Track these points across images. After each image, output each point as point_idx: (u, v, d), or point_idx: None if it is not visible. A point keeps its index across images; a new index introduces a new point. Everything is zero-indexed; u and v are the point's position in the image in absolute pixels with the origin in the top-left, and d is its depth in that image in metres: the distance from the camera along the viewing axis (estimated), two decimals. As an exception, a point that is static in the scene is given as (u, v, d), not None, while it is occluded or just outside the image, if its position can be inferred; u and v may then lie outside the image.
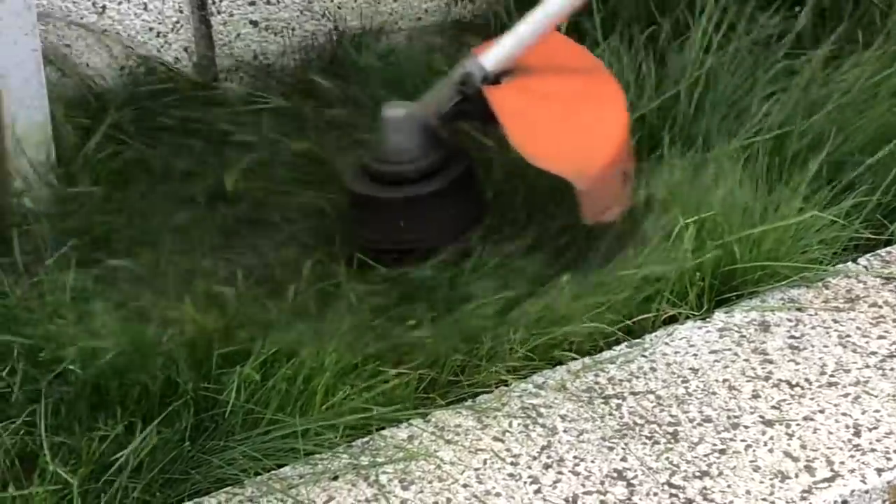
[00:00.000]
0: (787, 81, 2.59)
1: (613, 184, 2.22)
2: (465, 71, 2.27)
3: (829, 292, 2.22)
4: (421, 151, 2.27)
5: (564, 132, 2.24)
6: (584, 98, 2.32)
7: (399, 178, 2.27)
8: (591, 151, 2.20)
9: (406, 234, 2.26)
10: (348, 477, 1.87)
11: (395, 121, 2.29)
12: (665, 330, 2.16)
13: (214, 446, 1.86)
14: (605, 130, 2.26)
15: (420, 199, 2.26)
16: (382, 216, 2.29)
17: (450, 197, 2.27)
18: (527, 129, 2.20)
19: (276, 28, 2.84)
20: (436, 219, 2.28)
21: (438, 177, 2.27)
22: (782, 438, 1.92)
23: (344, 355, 1.95)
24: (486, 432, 1.96)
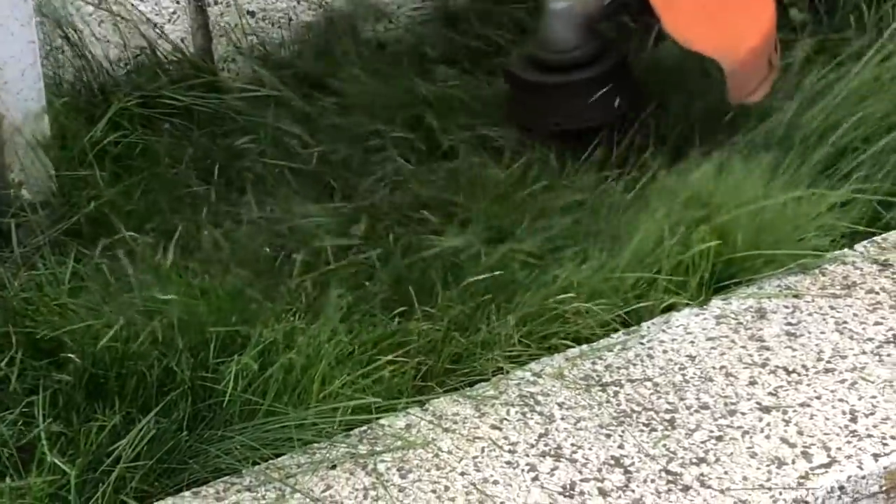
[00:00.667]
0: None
1: (759, 68, 2.42)
2: None
3: (825, 279, 2.22)
4: (582, 41, 2.49)
5: (715, 19, 2.42)
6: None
7: (561, 65, 2.50)
8: (739, 36, 2.41)
9: (570, 116, 2.50)
10: (346, 465, 1.88)
11: (559, 12, 2.50)
12: (662, 318, 2.16)
13: (212, 436, 1.87)
14: (753, 19, 2.45)
15: (582, 83, 2.48)
16: (546, 100, 2.52)
17: (608, 82, 2.48)
18: (680, 16, 2.40)
19: (274, 18, 2.84)
20: (596, 102, 2.48)
21: (598, 64, 2.49)
22: (779, 425, 1.92)
23: (339, 343, 1.95)
24: (483, 420, 1.96)
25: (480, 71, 2.76)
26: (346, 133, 2.59)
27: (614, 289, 2.16)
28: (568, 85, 2.50)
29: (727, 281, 2.22)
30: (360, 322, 2.04)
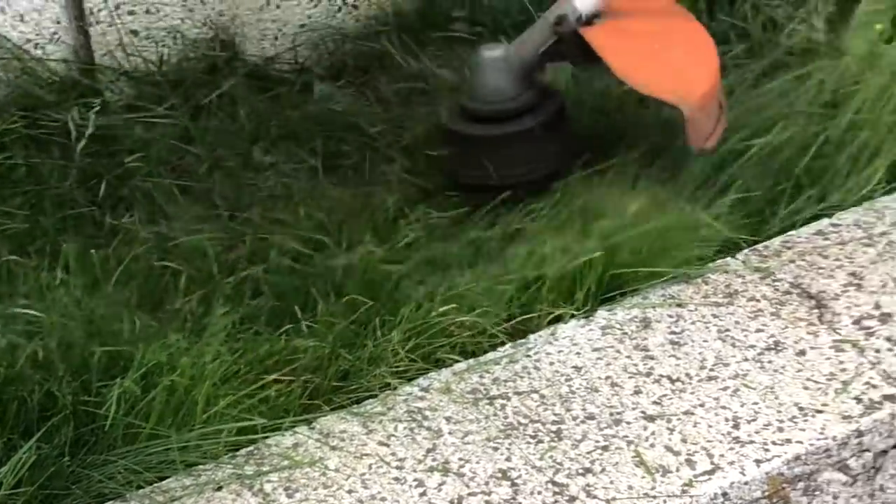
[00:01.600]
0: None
1: (713, 110, 2.40)
2: (560, 13, 2.39)
3: (708, 288, 2.24)
4: (516, 90, 2.43)
5: (665, 64, 2.39)
6: (674, 34, 2.48)
7: (497, 116, 2.43)
8: (692, 80, 2.38)
9: (505, 169, 2.41)
10: (232, 487, 1.87)
11: (492, 60, 2.43)
12: (548, 330, 2.17)
13: (95, 461, 1.85)
14: (701, 62, 2.43)
15: (517, 135, 2.42)
16: (482, 152, 2.42)
17: (546, 132, 2.43)
18: (630, 63, 2.36)
19: (157, 37, 2.82)
20: (534, 153, 2.43)
21: (533, 114, 2.43)
22: (664, 433, 1.94)
23: (223, 363, 1.95)
24: (371, 437, 1.96)
25: (367, 88, 2.77)
26: (233, 151, 2.58)
27: (499, 301, 2.16)
28: (504, 137, 2.43)
29: (613, 292, 2.24)
30: (244, 341, 2.03)
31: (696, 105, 2.33)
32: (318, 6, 2.98)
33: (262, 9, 2.91)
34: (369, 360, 2.06)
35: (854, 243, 2.33)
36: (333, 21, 3.00)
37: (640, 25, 2.45)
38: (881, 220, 2.38)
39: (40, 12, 2.68)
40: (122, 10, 2.76)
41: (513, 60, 2.43)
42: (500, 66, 2.43)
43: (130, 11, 2.77)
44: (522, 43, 2.45)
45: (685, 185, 2.39)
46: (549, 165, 2.43)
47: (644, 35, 2.44)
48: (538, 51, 2.43)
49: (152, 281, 2.22)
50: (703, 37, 2.47)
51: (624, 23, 2.44)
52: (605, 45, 2.36)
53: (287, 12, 2.95)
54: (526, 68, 2.44)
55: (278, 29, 2.95)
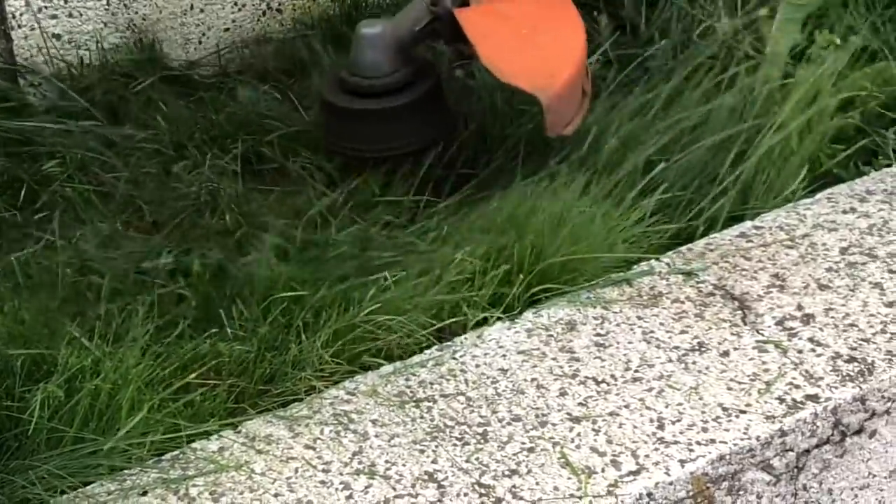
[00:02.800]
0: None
1: (574, 97, 2.41)
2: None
3: (632, 290, 2.26)
4: (393, 66, 2.48)
5: (530, 51, 2.40)
6: (546, 20, 2.48)
7: (373, 90, 2.48)
8: (554, 68, 2.38)
9: (380, 143, 2.48)
10: (157, 492, 1.85)
11: (371, 37, 2.48)
12: (475, 332, 2.17)
13: (18, 466, 1.83)
14: (566, 49, 2.43)
15: (393, 110, 2.47)
16: (358, 125, 2.50)
17: (420, 108, 2.49)
18: (495, 48, 2.37)
19: (80, 41, 2.80)
20: (408, 128, 2.49)
21: (409, 90, 2.48)
22: (589, 434, 1.95)
23: (146, 368, 1.93)
24: (297, 440, 1.95)
25: (291, 91, 2.76)
26: (156, 156, 2.57)
27: (425, 305, 2.17)
28: (380, 111, 2.49)
29: (539, 295, 2.24)
30: (167, 345, 2.01)
31: (555, 94, 2.34)
32: (241, 10, 2.97)
33: (186, 13, 2.90)
34: (293, 363, 2.06)
35: (776, 245, 2.35)
36: (258, 25, 3.00)
37: (513, 8, 2.48)
38: (803, 223, 2.41)
39: (-40, 15, 2.65)
40: (44, 13, 2.74)
41: (389, 37, 2.48)
42: (377, 42, 2.47)
43: (53, 15, 2.75)
44: (399, 20, 2.51)
45: (609, 186, 2.40)
46: (421, 140, 2.49)
47: (515, 18, 2.46)
48: (414, 29, 2.48)
49: (73, 287, 2.20)
50: (573, 21, 2.49)
51: (497, 5, 2.47)
52: (474, 28, 2.39)
53: (211, 16, 2.93)
54: (402, 45, 2.49)
55: (202, 33, 2.93)
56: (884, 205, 2.45)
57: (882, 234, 2.36)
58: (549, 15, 2.50)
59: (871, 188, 2.51)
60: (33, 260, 2.26)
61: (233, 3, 2.95)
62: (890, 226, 2.39)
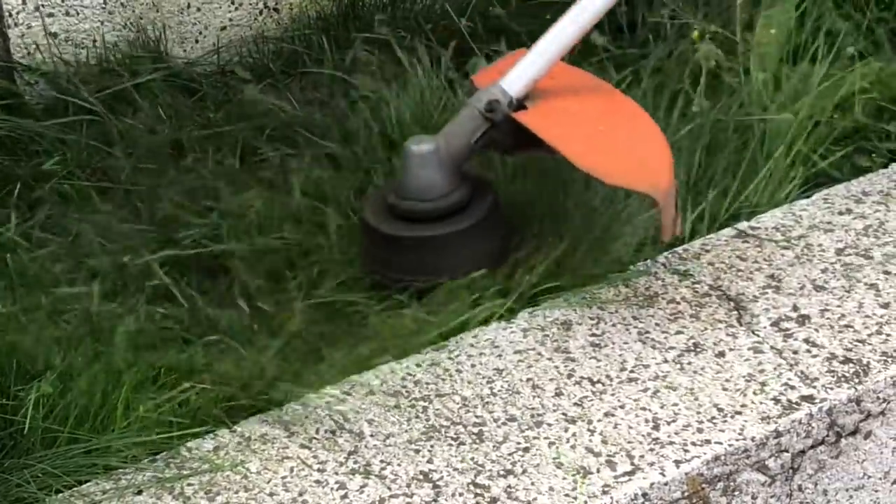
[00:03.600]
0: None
1: (675, 194, 2.20)
2: (491, 98, 2.22)
3: (628, 290, 2.26)
4: (450, 186, 2.24)
5: (619, 148, 2.21)
6: (613, 114, 2.29)
7: (430, 215, 2.24)
8: (653, 165, 2.19)
9: (437, 270, 2.23)
10: (152, 491, 1.85)
11: (421, 156, 2.24)
12: (470, 332, 2.17)
13: (13, 465, 1.83)
14: (652, 143, 2.23)
15: (451, 235, 2.23)
16: (414, 253, 2.25)
17: (480, 230, 2.25)
18: (583, 149, 2.17)
19: (77, 39, 2.80)
20: (468, 252, 2.24)
21: (468, 211, 2.25)
22: (584, 434, 1.95)
23: (142, 368, 1.93)
24: (292, 440, 1.95)
25: (288, 90, 2.77)
26: (155, 154, 2.57)
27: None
28: (438, 238, 2.25)
29: (535, 294, 2.25)
30: (164, 346, 2.02)
31: (665, 190, 2.15)
32: (238, 9, 2.97)
33: (183, 11, 2.90)
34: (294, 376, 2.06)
35: (772, 246, 2.35)
36: (255, 23, 3.00)
37: (574, 104, 2.29)
38: (799, 223, 2.41)
39: (-43, 13, 2.66)
40: (41, 12, 2.74)
41: (443, 153, 2.24)
42: (431, 161, 2.23)
43: (50, 14, 2.75)
44: (451, 134, 2.26)
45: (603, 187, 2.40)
46: (485, 263, 2.25)
47: (583, 114, 2.28)
48: (471, 141, 2.25)
49: (68, 285, 2.20)
50: (635, 109, 2.31)
51: (557, 102, 2.27)
52: (548, 131, 2.19)
53: (208, 15, 2.93)
54: (458, 161, 2.26)
55: (199, 31, 2.94)
56: (880, 206, 2.45)
57: (878, 236, 2.36)
58: (611, 108, 2.32)
59: (867, 189, 2.51)
60: (28, 257, 2.26)
61: (230, 2, 2.95)
62: (886, 227, 2.39)
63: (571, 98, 2.29)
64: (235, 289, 2.22)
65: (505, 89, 2.23)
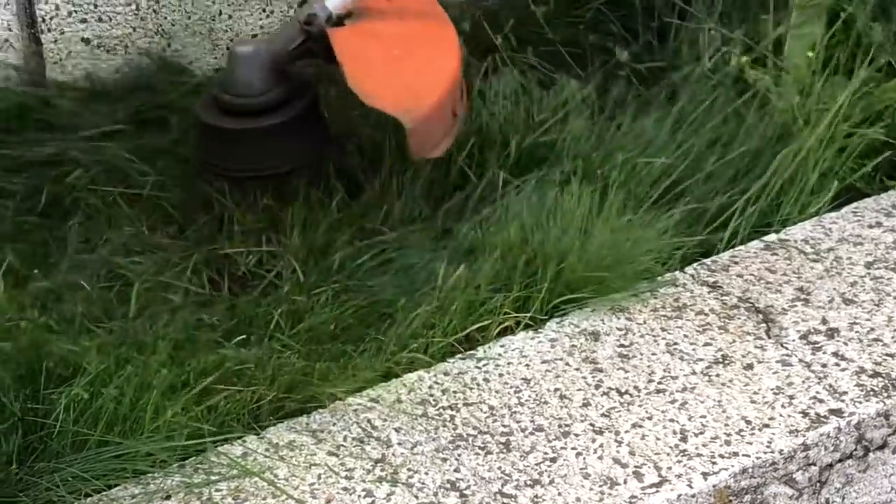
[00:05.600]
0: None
1: (442, 121, 2.33)
2: (311, 12, 2.37)
3: (657, 301, 2.26)
4: (267, 85, 2.41)
5: (398, 73, 2.33)
6: (420, 41, 2.42)
7: (248, 109, 2.41)
8: (421, 91, 2.30)
9: (256, 162, 2.41)
10: (181, 496, 1.86)
11: (244, 56, 2.42)
12: (498, 342, 2.18)
13: (43, 468, 1.84)
14: (437, 71, 2.36)
15: (269, 129, 2.40)
16: (233, 145, 2.43)
17: (298, 127, 2.43)
18: (363, 70, 2.29)
19: (109, 45, 2.81)
20: (286, 147, 2.42)
21: (285, 108, 2.42)
22: (612, 445, 1.95)
23: (172, 372, 1.94)
24: (320, 447, 1.96)
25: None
26: (183, 162, 2.58)
27: (451, 315, 2.17)
28: (256, 131, 2.42)
29: (562, 305, 2.25)
30: (194, 351, 2.02)
31: (422, 117, 2.27)
32: (269, 17, 2.98)
33: (215, 18, 2.91)
34: (320, 376, 2.06)
35: (802, 259, 2.35)
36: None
37: (388, 27, 2.43)
38: (828, 237, 2.41)
39: (-9, 19, 2.67)
40: (74, 17, 2.75)
41: (264, 56, 2.43)
42: (252, 62, 2.42)
43: (83, 20, 2.76)
44: (273, 40, 2.47)
45: (633, 199, 2.40)
46: (294, 161, 2.43)
47: (388, 38, 2.41)
48: (288, 48, 2.43)
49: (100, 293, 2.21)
50: (448, 41, 2.43)
51: (372, 24, 2.42)
52: (345, 48, 2.33)
53: (239, 22, 2.94)
54: (276, 65, 2.43)
55: (230, 39, 2.94)
56: (910, 220, 2.45)
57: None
58: (424, 35, 2.45)
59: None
60: (60, 266, 2.27)
61: (261, 10, 2.96)
62: (916, 241, 2.39)
63: (389, 21, 2.44)
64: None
65: (325, 4, 2.39)
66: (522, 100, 2.66)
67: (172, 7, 2.85)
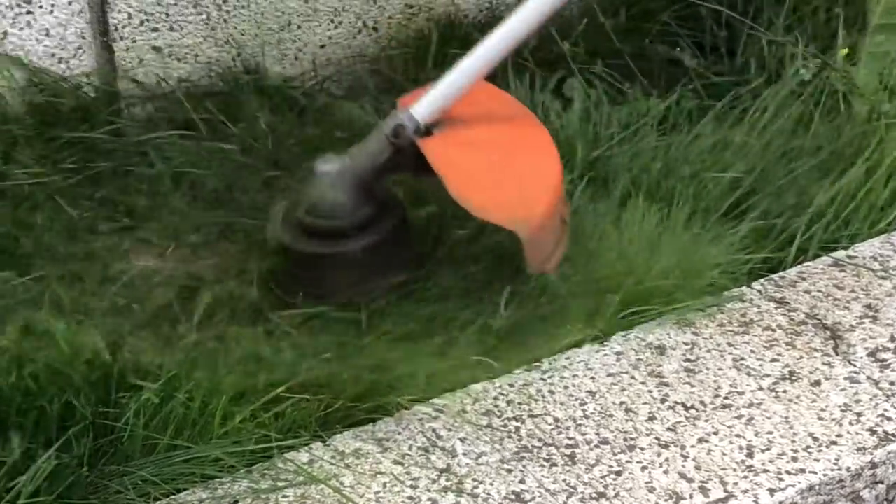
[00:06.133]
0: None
1: (554, 231, 2.21)
2: (397, 123, 2.24)
3: (723, 316, 2.25)
4: (355, 205, 2.26)
5: (503, 181, 2.21)
6: (516, 146, 2.30)
7: (335, 232, 2.26)
8: (531, 200, 2.18)
9: (343, 287, 2.26)
10: (248, 501, 1.87)
11: (328, 175, 2.27)
12: (563, 354, 2.18)
13: (113, 471, 1.86)
14: (542, 177, 2.23)
15: (356, 252, 2.25)
16: (325, 270, 2.28)
17: (385, 248, 2.26)
18: (465, 180, 2.17)
19: (179, 54, 2.84)
20: (372, 270, 2.26)
21: (373, 229, 2.26)
22: (677, 460, 1.95)
23: (241, 379, 1.96)
24: (386, 456, 1.97)
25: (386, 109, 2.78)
26: (253, 169, 2.60)
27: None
28: (343, 255, 2.26)
29: (628, 318, 2.25)
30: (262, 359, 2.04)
31: (536, 227, 2.14)
32: (338, 27, 2.99)
33: (284, 28, 2.93)
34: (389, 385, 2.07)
35: (870, 276, 2.34)
36: (354, 42, 3.02)
37: (480, 133, 2.29)
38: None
39: (65, 27, 2.69)
40: (146, 26, 2.78)
41: (349, 174, 2.27)
42: (337, 181, 2.26)
43: (154, 28, 2.79)
44: (358, 155, 2.28)
45: (703, 212, 2.40)
46: (389, 281, 2.28)
47: (484, 145, 2.27)
48: (375, 163, 2.27)
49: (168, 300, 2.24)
50: (545, 144, 2.30)
51: (463, 131, 2.27)
52: (442, 160, 2.20)
53: (308, 33, 2.96)
54: (363, 182, 2.27)
55: (298, 49, 2.96)
56: (980, 238, 2.43)
57: (978, 268, 2.35)
58: (519, 139, 2.32)
59: (968, 221, 2.49)
60: (130, 270, 2.29)
61: (329, 21, 2.98)
62: None
63: (480, 126, 2.30)
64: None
65: (413, 115, 2.25)
66: (592, 113, 2.66)
67: (243, 17, 2.88)
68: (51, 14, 2.67)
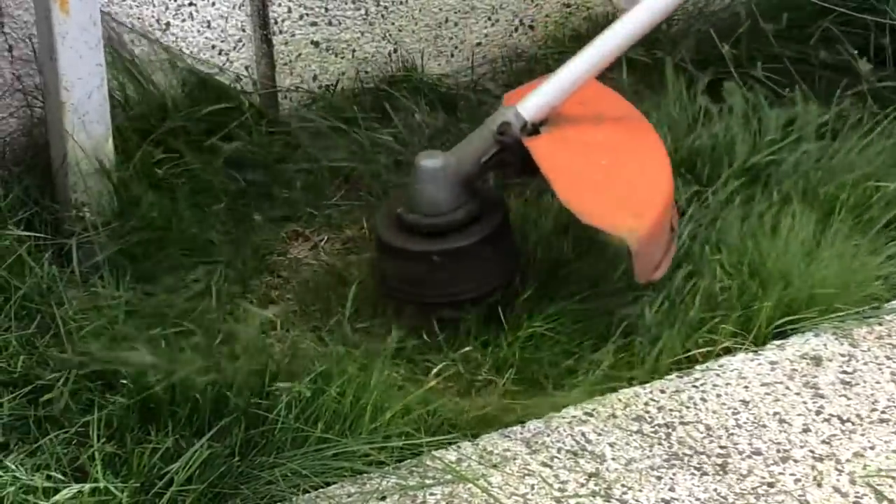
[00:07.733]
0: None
1: (662, 239, 2.17)
2: (504, 120, 2.20)
3: (882, 329, 2.20)
4: (458, 202, 2.22)
5: (612, 186, 2.16)
6: (627, 149, 2.25)
7: (435, 230, 2.21)
8: (640, 208, 2.13)
9: (441, 287, 2.21)
10: (395, 497, 1.88)
11: (431, 171, 2.22)
12: (716, 362, 2.15)
13: (264, 462, 1.87)
14: (653, 183, 2.19)
15: (457, 251, 2.20)
16: (417, 269, 2.22)
17: (493, 246, 2.22)
18: (573, 184, 2.12)
19: (337, 49, 2.86)
20: (473, 270, 2.22)
21: (475, 228, 2.21)
22: (832, 473, 1.91)
23: (391, 374, 1.97)
24: (534, 457, 1.96)
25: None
26: (406, 168, 2.61)
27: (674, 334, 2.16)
28: (442, 252, 2.20)
29: (783, 328, 2.21)
30: (414, 357, 2.05)
31: (646, 236, 2.08)
32: (495, 25, 2.99)
33: (441, 25, 2.93)
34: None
35: None
36: (510, 41, 3.02)
37: (588, 135, 2.23)
38: None
39: (226, 19, 2.73)
40: (304, 20, 2.80)
41: (452, 171, 2.21)
42: (441, 176, 2.20)
43: (313, 22, 2.81)
44: (462, 152, 2.23)
45: (866, 222, 2.35)
46: (492, 283, 2.23)
47: (592, 147, 2.21)
48: (480, 160, 2.21)
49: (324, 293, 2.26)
50: (655, 146, 2.25)
51: (571, 132, 2.20)
52: (549, 160, 2.13)
53: (464, 30, 2.96)
54: (468, 178, 2.22)
55: (455, 46, 2.97)
56: None
57: None
58: (629, 142, 2.26)
59: None
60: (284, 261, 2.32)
61: (486, 18, 2.98)
62: None
63: (589, 127, 2.23)
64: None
65: (520, 112, 2.20)
66: (750, 117, 2.62)
67: (400, 13, 2.89)
68: (213, 6, 2.71)
